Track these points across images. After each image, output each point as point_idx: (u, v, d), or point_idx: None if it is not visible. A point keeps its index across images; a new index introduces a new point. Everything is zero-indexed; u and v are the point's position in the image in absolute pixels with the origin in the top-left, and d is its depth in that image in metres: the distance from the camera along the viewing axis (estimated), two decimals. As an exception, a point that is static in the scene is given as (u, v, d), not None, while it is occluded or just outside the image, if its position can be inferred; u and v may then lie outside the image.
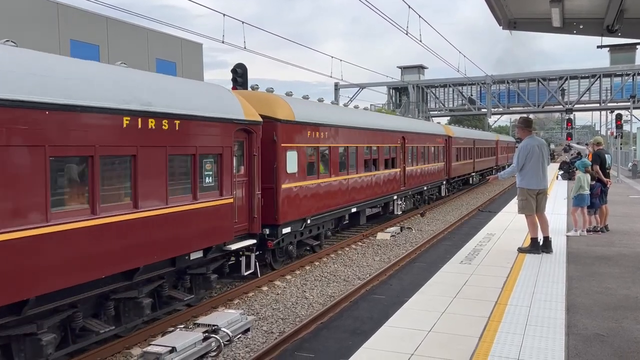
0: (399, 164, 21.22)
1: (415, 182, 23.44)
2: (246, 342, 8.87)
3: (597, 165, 12.18)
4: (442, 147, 28.20)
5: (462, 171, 33.19)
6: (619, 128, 33.11)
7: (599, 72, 53.55)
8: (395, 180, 20.80)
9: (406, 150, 22.14)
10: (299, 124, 13.63)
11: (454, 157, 30.38)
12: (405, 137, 21.98)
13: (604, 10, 8.78)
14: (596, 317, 6.29)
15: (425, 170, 25.05)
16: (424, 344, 5.53)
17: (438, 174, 27.39)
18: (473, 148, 36.55)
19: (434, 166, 26.60)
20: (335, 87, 59.84)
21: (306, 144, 13.97)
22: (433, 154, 26.40)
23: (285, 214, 12.99)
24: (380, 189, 19.31)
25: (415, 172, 23.47)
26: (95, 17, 30.58)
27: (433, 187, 26.97)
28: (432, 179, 26.30)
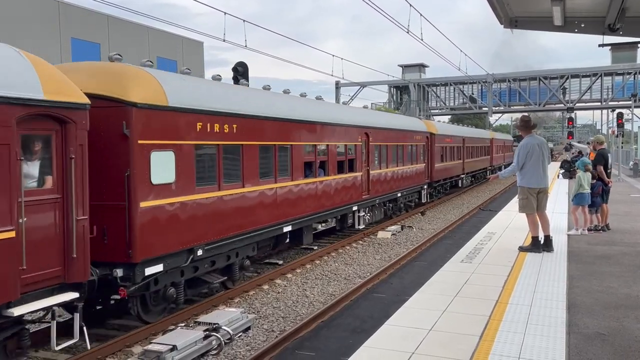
0: (359, 167, 17.09)
1: (385, 188, 19.48)
2: (247, 341, 8.88)
3: (601, 166, 12.18)
4: (422, 145, 24.32)
5: (448, 173, 29.48)
6: (620, 127, 33.08)
7: (600, 71, 53.47)
8: (355, 187, 16.81)
9: (371, 150, 18.07)
10: (178, 111, 9.29)
11: (437, 158, 26.66)
12: (370, 134, 17.93)
13: (605, 9, 8.77)
14: (597, 316, 6.29)
15: (399, 173, 21.05)
16: (424, 343, 5.53)
17: (417, 177, 23.53)
18: (462, 147, 32.83)
19: (412, 168, 22.74)
20: (336, 86, 59.80)
21: (194, 141, 9.66)
22: (410, 154, 22.54)
23: (150, 245, 8.69)
24: (332, 199, 15.27)
25: (384, 176, 19.45)
26: (96, 15, 30.61)
27: (410, 192, 23.11)
28: (409, 184, 22.51)
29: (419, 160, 23.92)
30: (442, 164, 27.72)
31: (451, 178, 30.64)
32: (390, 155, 20.03)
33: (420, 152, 24.10)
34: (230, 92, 11.58)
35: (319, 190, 14.55)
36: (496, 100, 57.83)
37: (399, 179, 21.02)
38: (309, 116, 14.22)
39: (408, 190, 22.47)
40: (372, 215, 18.84)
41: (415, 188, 23.58)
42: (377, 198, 18.86)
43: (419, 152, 23.77)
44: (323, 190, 14.80)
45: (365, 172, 17.69)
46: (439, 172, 27.15)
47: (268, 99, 12.91)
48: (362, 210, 17.60)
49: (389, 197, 20.13)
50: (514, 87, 57.28)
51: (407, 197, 22.75)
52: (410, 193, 23.12)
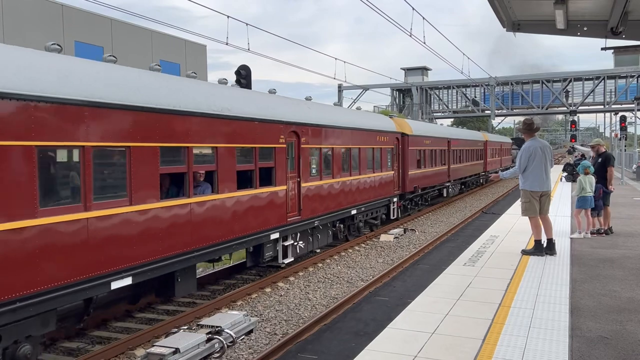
0: (282, 179, 12.50)
1: (329, 205, 14.99)
2: (249, 344, 8.88)
3: (612, 167, 12.20)
4: (390, 149, 19.98)
5: (428, 181, 24.88)
6: (623, 130, 33.05)
7: (603, 74, 53.50)
8: (275, 207, 12.22)
9: (304, 155, 13.57)
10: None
11: (412, 163, 22.32)
12: (302, 133, 13.46)
13: (608, 12, 8.78)
14: (600, 320, 6.27)
15: (354, 184, 16.67)
16: (427, 346, 5.53)
17: (382, 187, 19.13)
18: (447, 150, 28.39)
19: (373, 177, 18.28)
20: (339, 89, 59.92)
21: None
22: (371, 160, 18.12)
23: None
24: (228, 226, 10.59)
25: (328, 190, 14.95)
26: (99, 18, 30.70)
27: (373, 207, 18.48)
28: (371, 196, 18.04)
29: (385, 167, 19.41)
30: (418, 171, 23.27)
31: (433, 187, 26.18)
32: (337, 162, 15.48)
33: (387, 156, 19.73)
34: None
35: (196, 216, 9.63)
36: (499, 103, 57.85)
37: (353, 192, 16.63)
38: (169, 104, 9.02)
39: (369, 205, 17.95)
40: (309, 243, 14.31)
41: (381, 201, 19.16)
42: (316, 219, 14.15)
43: (384, 157, 19.36)
44: (205, 216, 9.92)
45: (293, 185, 13.13)
46: (415, 180, 22.67)
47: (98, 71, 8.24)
48: (289, 237, 13.10)
49: (337, 215, 15.56)
50: (516, 90, 57.28)
51: (369, 213, 18.33)
52: (373, 208, 18.57)
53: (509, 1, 8.89)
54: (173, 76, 10.44)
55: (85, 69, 7.98)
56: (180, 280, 9.73)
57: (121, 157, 8.21)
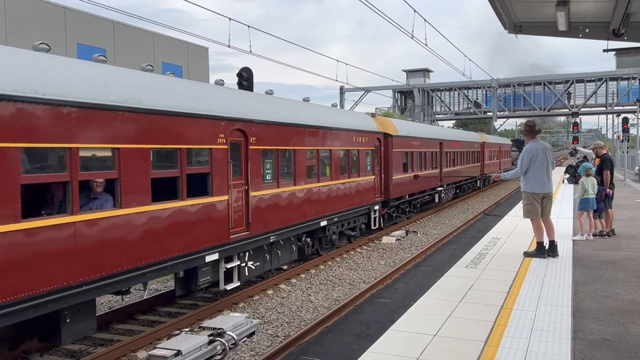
0: (221, 187, 10.31)
1: (289, 217, 12.80)
2: (251, 346, 8.88)
3: (608, 171, 12.17)
4: (370, 151, 17.94)
5: (416, 187, 22.69)
6: (626, 132, 33.00)
7: (605, 76, 53.42)
8: (211, 222, 10.07)
9: (254, 159, 11.32)
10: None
11: (397, 167, 20.22)
12: (250, 132, 11.21)
13: (609, 14, 8.78)
14: (602, 322, 6.26)
15: (323, 191, 14.51)
16: (429, 348, 5.52)
17: (360, 194, 17.07)
18: (439, 152, 26.41)
19: (350, 183, 16.26)
20: (341, 91, 59.91)
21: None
22: (345, 164, 16.08)
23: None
24: (134, 250, 8.41)
25: (288, 199, 12.78)
26: (101, 20, 30.77)
27: (349, 217, 16.43)
28: (346, 205, 15.97)
29: (364, 172, 17.35)
30: (405, 175, 21.14)
31: (422, 192, 24.24)
32: (301, 166, 13.36)
33: (366, 160, 17.68)
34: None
35: (86, 238, 7.60)
36: (501, 105, 57.80)
37: (323, 200, 14.51)
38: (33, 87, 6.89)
39: (344, 215, 15.88)
40: (265, 262, 12.22)
41: (359, 210, 17.10)
42: (272, 233, 12.00)
43: (362, 161, 17.33)
44: (102, 238, 7.86)
45: (239, 194, 10.88)
46: (401, 185, 20.70)
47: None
48: (235, 257, 10.91)
49: (301, 228, 13.46)
50: (518, 91, 57.26)
51: (344, 223, 16.31)
52: (350, 218, 16.54)
53: (510, 3, 8.89)
54: (38, 52, 7.79)
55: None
56: (70, 320, 7.57)
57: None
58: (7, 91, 6.49)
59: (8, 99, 6.50)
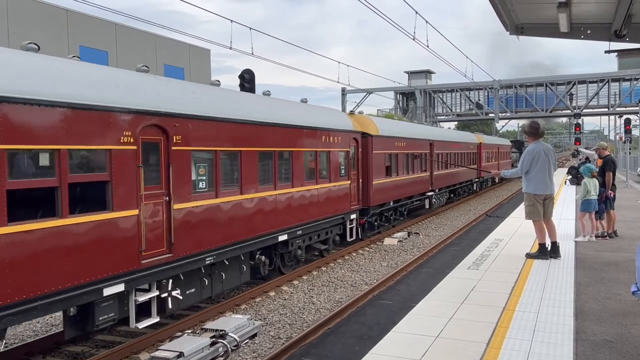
0: (127, 201, 8.14)
1: (233, 233, 10.59)
2: (253, 348, 8.89)
3: (610, 172, 12.15)
4: (345, 153, 15.88)
5: (402, 192, 20.84)
6: (628, 133, 32.96)
7: (607, 77, 53.39)
8: (115, 245, 7.97)
9: (178, 163, 9.11)
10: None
11: (378, 170, 18.32)
12: (173, 130, 9.00)
13: (611, 15, 8.79)
14: (605, 323, 6.26)
15: (281, 201, 12.36)
16: (431, 350, 5.52)
17: (333, 202, 14.98)
18: (429, 154, 24.35)
19: (318, 190, 14.08)
20: (342, 92, 59.95)
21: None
22: (311, 167, 13.98)
23: None
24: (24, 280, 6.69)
25: (233, 211, 10.61)
26: (103, 23, 30.86)
27: (319, 229, 14.45)
28: (313, 215, 13.85)
29: (336, 176, 15.19)
30: (388, 180, 19.20)
31: (410, 198, 22.24)
32: (249, 171, 11.06)
33: (340, 162, 15.58)
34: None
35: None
36: (502, 106, 57.78)
37: (281, 211, 12.32)
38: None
39: (310, 227, 13.74)
40: (203, 288, 10.18)
41: (331, 220, 14.99)
42: (209, 254, 9.87)
43: (334, 164, 15.14)
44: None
45: (156, 207, 8.65)
46: (383, 191, 18.74)
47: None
48: (153, 287, 8.77)
49: (251, 245, 11.26)
50: (520, 93, 57.25)
51: (312, 236, 14.23)
52: (318, 230, 14.45)
53: (512, 5, 8.90)
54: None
55: None
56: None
57: None
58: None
59: None
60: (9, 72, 6.71)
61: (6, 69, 6.71)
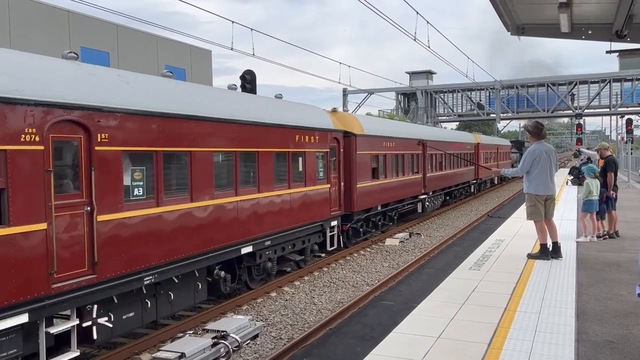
0: (31, 213, 6.71)
1: (181, 247, 9.18)
2: (255, 348, 8.89)
3: (612, 172, 12.14)
4: (324, 153, 14.48)
5: (390, 195, 19.52)
6: (630, 133, 32.92)
7: (608, 77, 53.35)
8: (19, 267, 6.54)
9: (103, 166, 7.72)
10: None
11: (363, 172, 17.05)
12: (96, 127, 7.63)
13: (612, 16, 8.79)
14: (606, 324, 6.25)
15: (246, 208, 10.96)
16: (432, 350, 5.52)
17: (309, 209, 13.58)
18: (422, 155, 23.08)
19: (291, 195, 12.77)
20: (344, 93, 59.97)
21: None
22: (283, 169, 12.64)
23: None
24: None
25: (180, 221, 9.17)
26: (105, 24, 30.89)
27: (293, 238, 13.11)
28: (285, 223, 12.49)
29: (312, 179, 13.79)
30: (374, 183, 18.00)
31: (401, 202, 20.98)
32: (203, 174, 9.66)
33: (317, 164, 14.17)
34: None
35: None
36: (504, 106, 57.77)
37: (245, 219, 10.92)
38: None
39: (281, 236, 12.36)
40: (146, 311, 8.79)
41: (308, 228, 13.67)
42: (148, 273, 8.47)
43: (311, 165, 13.76)
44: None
45: (74, 219, 7.34)
46: (369, 195, 17.49)
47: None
48: (73, 315, 7.41)
49: (207, 259, 9.86)
50: (522, 93, 57.21)
51: (285, 246, 12.86)
52: (293, 239, 13.15)
53: (513, 5, 8.91)
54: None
55: None
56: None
57: None
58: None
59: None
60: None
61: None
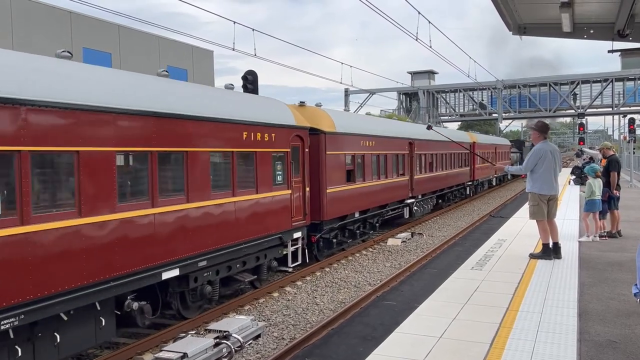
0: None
1: (68, 274, 7.03)
2: (257, 348, 8.90)
3: (615, 172, 12.13)
4: (282, 154, 12.42)
5: (370, 200, 17.38)
6: (632, 132, 32.85)
7: (611, 76, 53.30)
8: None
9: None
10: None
11: (334, 176, 14.89)
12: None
13: (614, 15, 8.77)
14: (609, 324, 6.25)
15: (166, 224, 8.86)
16: (434, 350, 5.52)
17: (264, 220, 11.67)
18: (409, 155, 20.96)
19: (236, 205, 10.69)
20: (345, 93, 59.99)
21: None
22: (222, 173, 10.65)
23: None
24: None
25: (65, 243, 6.99)
26: (107, 25, 30.94)
27: (245, 255, 11.18)
28: (232, 238, 10.55)
29: (267, 184, 11.77)
30: (349, 187, 15.80)
31: (384, 207, 18.91)
32: (94, 180, 7.51)
33: (274, 167, 12.09)
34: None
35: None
36: (506, 106, 57.74)
37: (169, 236, 8.94)
38: None
39: (225, 254, 10.39)
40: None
41: (263, 242, 11.61)
42: (10, 314, 6.27)
43: (266, 168, 11.71)
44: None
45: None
46: (341, 202, 15.32)
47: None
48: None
49: (107, 290, 7.80)
50: (524, 93, 57.16)
51: (231, 266, 10.83)
52: (241, 257, 11.05)
53: (514, 4, 8.90)
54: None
55: None
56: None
57: None
58: None
59: None
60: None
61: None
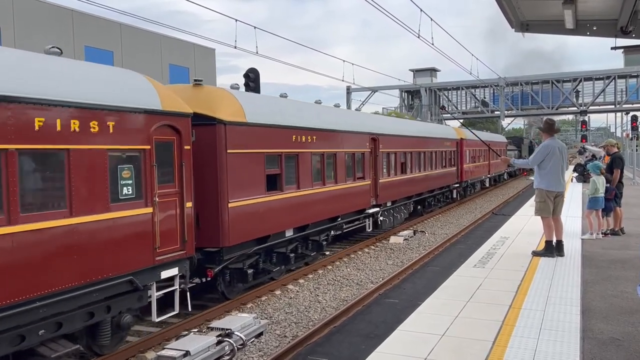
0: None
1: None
2: (259, 346, 8.90)
3: (619, 169, 12.11)
4: (138, 153, 7.98)
5: (306, 215, 13.14)
6: (635, 130, 32.75)
7: (613, 74, 53.15)
8: None
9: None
10: None
11: (241, 185, 10.58)
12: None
13: (617, 12, 8.72)
14: (612, 321, 6.23)
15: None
16: (437, 348, 5.52)
17: (102, 258, 7.28)
18: (371, 154, 17.13)
19: (20, 237, 6.12)
20: (347, 91, 59.91)
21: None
22: (24, 189, 6.30)
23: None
24: None
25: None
26: (109, 23, 30.95)
27: (69, 311, 6.93)
28: (60, 283, 6.63)
29: (96, 203, 7.22)
30: (267, 199, 11.48)
31: (334, 220, 14.84)
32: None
33: (119, 175, 7.66)
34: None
35: None
36: (508, 103, 57.63)
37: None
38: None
39: (17, 315, 6.19)
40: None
41: (95, 291, 7.30)
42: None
43: (97, 178, 7.23)
44: None
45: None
46: (260, 217, 11.26)
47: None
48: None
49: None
50: (526, 90, 57.05)
51: (49, 330, 6.73)
52: (56, 315, 6.78)
53: (517, 1, 8.85)
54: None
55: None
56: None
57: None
58: None
59: None
60: None
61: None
